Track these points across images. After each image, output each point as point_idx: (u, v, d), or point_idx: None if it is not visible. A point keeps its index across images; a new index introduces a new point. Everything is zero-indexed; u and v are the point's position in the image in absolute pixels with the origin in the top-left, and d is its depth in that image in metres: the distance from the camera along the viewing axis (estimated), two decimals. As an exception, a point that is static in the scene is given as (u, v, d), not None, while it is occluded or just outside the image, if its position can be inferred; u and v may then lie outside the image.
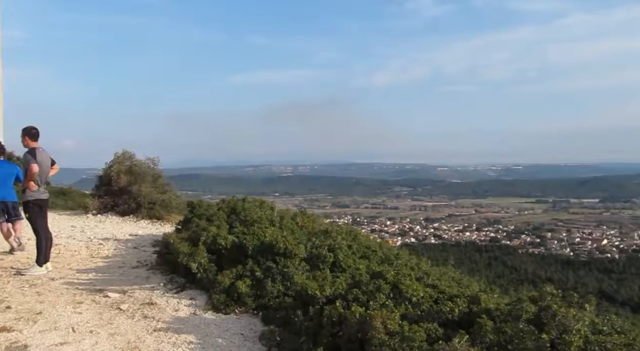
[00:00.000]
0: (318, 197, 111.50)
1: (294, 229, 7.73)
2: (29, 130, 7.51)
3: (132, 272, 7.80)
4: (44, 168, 7.49)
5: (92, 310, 5.76)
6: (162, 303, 6.11)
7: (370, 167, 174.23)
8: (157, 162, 15.64)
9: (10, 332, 4.90)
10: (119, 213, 14.51)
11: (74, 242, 10.27)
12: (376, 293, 4.87)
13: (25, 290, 6.48)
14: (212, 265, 6.55)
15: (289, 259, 6.22)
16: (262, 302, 5.88)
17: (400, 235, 69.71)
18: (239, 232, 7.14)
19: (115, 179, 14.75)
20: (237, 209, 8.80)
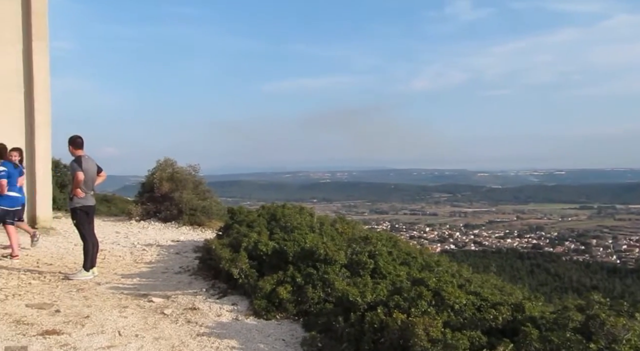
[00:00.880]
0: (356, 203, 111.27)
1: (333, 235, 7.74)
2: (74, 138, 7.72)
3: (175, 278, 7.94)
4: (90, 176, 7.68)
5: (137, 314, 5.88)
6: (204, 309, 6.20)
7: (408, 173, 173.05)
8: (198, 169, 15.91)
9: (59, 335, 5.04)
10: (161, 220, 14.77)
11: (119, 248, 10.50)
12: (418, 300, 4.83)
13: (73, 294, 6.66)
14: (253, 271, 6.62)
15: (329, 265, 6.23)
16: (302, 308, 5.91)
17: (439, 242, 68.95)
18: (280, 238, 7.19)
19: (158, 186, 15.03)
20: (277, 215, 8.86)
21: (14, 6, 11.98)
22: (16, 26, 12.02)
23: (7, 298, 6.29)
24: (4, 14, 11.93)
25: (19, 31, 12.04)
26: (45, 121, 12.30)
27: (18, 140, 10.79)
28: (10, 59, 11.99)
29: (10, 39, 11.98)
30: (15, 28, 12.02)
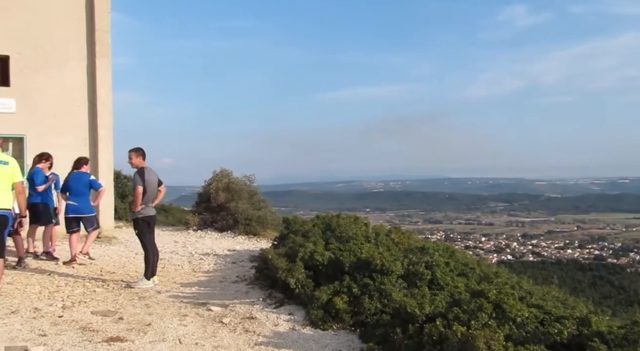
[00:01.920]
0: (409, 212, 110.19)
1: (389, 246, 7.69)
2: (136, 150, 7.96)
3: (232, 287, 8.05)
4: (151, 187, 7.89)
5: (197, 323, 5.99)
6: (262, 318, 6.25)
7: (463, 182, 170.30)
8: (253, 179, 16.15)
9: (123, 342, 5.18)
10: (217, 229, 15.04)
11: (177, 257, 10.74)
12: (478, 312, 4.73)
13: (135, 302, 6.84)
14: (309, 281, 6.64)
15: (385, 276, 6.19)
16: (359, 319, 5.88)
17: (495, 252, 67.31)
18: (335, 248, 7.19)
19: (214, 196, 15.33)
20: (332, 225, 8.88)
21: (79, 25, 12.56)
22: (81, 44, 12.60)
23: (73, 305, 6.52)
24: (70, 33, 12.52)
25: (83, 49, 12.62)
26: (108, 134, 12.77)
27: (83, 153, 11.23)
28: (76, 75, 12.56)
29: (75, 56, 12.56)
30: (80, 46, 12.60)
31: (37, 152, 9.96)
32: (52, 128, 12.25)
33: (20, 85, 12.10)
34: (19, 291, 7.10)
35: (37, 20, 12.23)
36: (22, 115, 12.02)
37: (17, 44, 12.07)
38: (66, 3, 12.57)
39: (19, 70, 12.08)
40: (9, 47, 12.00)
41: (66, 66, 12.54)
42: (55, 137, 12.03)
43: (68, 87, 12.55)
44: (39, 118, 12.17)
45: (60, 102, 12.47)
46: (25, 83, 12.14)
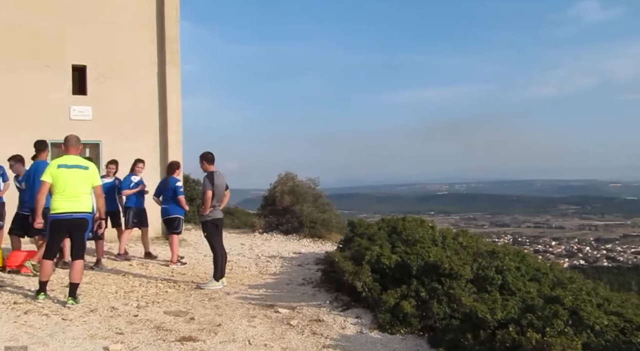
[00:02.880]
0: (475, 215, 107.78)
1: (457, 249, 7.55)
2: (206, 155, 8.18)
3: (298, 289, 8.12)
4: (219, 191, 8.09)
5: (265, 324, 6.07)
6: (329, 321, 6.27)
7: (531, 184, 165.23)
8: (317, 182, 16.24)
9: (195, 341, 5.32)
10: (283, 232, 15.20)
11: (244, 259, 10.93)
12: (553, 319, 4.57)
13: (205, 303, 7.00)
14: (376, 285, 6.60)
15: (454, 280, 6.08)
16: (427, 323, 5.80)
17: (567, 257, 64.80)
18: (402, 252, 7.13)
19: (279, 199, 15.52)
20: (397, 228, 8.80)
21: (150, 34, 13.06)
22: (152, 52, 13.09)
23: (147, 305, 6.74)
24: (142, 42, 13.03)
25: (154, 57, 13.10)
26: (177, 139, 13.18)
27: (153, 158, 11.65)
28: (147, 82, 13.06)
29: (147, 65, 13.05)
30: (151, 54, 13.08)
31: (112, 157, 10.42)
32: (125, 134, 12.77)
33: (96, 94, 12.69)
34: (96, 290, 7.42)
35: (111, 31, 12.80)
36: (98, 122, 12.59)
37: (93, 54, 12.67)
38: (138, 14, 13.09)
39: (95, 79, 12.68)
40: (86, 57, 12.61)
41: (138, 74, 13.06)
42: (128, 143, 12.54)
43: (140, 94, 13.06)
44: (113, 125, 12.71)
45: (132, 109, 12.99)
46: (101, 91, 12.72)
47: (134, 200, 10.12)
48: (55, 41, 12.38)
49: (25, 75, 12.14)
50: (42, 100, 12.22)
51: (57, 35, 12.39)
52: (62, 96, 12.42)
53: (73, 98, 12.58)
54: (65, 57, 12.47)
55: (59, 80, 12.43)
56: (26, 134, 11.52)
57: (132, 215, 10.14)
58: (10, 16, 12.07)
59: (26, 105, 12.11)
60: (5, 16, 12.04)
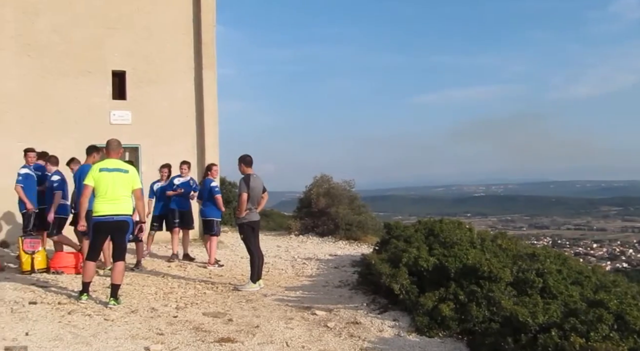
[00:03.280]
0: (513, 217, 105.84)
1: (496, 252, 7.43)
2: (244, 157, 8.25)
3: (335, 291, 8.11)
4: (256, 193, 8.14)
5: (302, 327, 6.08)
6: (366, 323, 6.25)
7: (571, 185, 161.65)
8: (353, 185, 16.19)
9: (234, 343, 5.37)
10: (318, 234, 15.20)
11: (281, 261, 10.97)
12: (597, 323, 4.47)
13: (242, 305, 7.06)
14: (413, 287, 6.56)
15: (493, 283, 6.00)
16: (466, 327, 5.73)
17: (609, 260, 63.03)
18: (439, 254, 7.06)
19: (315, 201, 15.52)
20: (434, 230, 8.71)
21: (187, 39, 13.28)
22: (189, 57, 13.31)
23: (186, 306, 6.83)
24: (179, 47, 13.26)
25: (191, 61, 13.31)
26: (214, 143, 13.35)
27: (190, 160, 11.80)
28: (185, 87, 13.28)
29: (184, 69, 13.28)
30: (188, 59, 13.31)
31: (150, 161, 10.63)
32: (164, 137, 13.00)
33: (135, 98, 12.95)
34: (137, 291, 7.55)
35: (149, 37, 13.05)
36: (137, 126, 12.85)
37: (132, 59, 12.93)
38: (175, 19, 13.31)
39: (134, 84, 12.94)
40: (125, 63, 12.89)
41: (176, 79, 13.27)
42: (166, 146, 12.77)
43: (177, 98, 13.28)
44: (151, 129, 12.95)
45: (170, 113, 13.21)
46: (140, 96, 12.97)
47: (178, 201, 10.29)
48: (96, 47, 12.69)
49: (68, 81, 12.47)
50: (83, 105, 12.53)
51: (97, 42, 12.69)
52: (102, 101, 12.72)
53: (113, 103, 12.86)
54: (106, 63, 12.77)
55: (99, 85, 12.73)
56: (69, 138, 11.89)
57: (175, 216, 10.31)
58: (53, 23, 12.42)
59: (69, 110, 12.44)
60: (50, 23, 12.40)
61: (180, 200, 10.30)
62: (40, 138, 11.38)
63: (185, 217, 10.39)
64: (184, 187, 10.29)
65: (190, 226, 10.56)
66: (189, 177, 10.52)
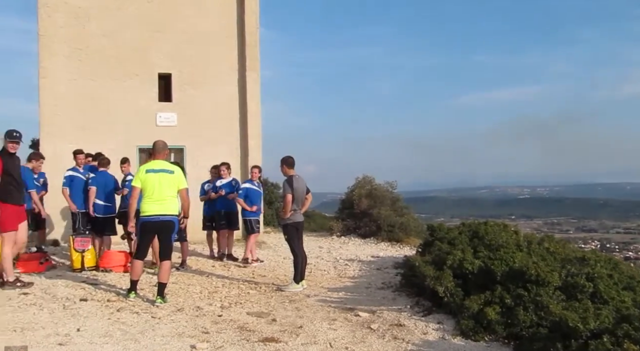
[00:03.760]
0: (559, 220, 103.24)
1: (543, 255, 7.26)
2: (286, 159, 8.30)
3: (378, 293, 8.08)
4: (299, 194, 8.18)
5: (346, 328, 6.07)
6: (410, 325, 6.20)
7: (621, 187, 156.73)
8: (395, 186, 16.10)
9: (278, 343, 5.40)
10: (360, 236, 15.17)
11: (323, 262, 11.00)
12: (652, 330, 4.31)
13: (286, 305, 7.10)
14: (458, 290, 6.48)
15: (541, 287, 5.86)
16: (513, 331, 5.63)
17: (661, 264, 61.00)
18: (485, 257, 6.94)
19: (357, 203, 15.51)
20: (479, 233, 8.57)
21: (231, 42, 13.47)
22: (232, 59, 13.49)
23: (230, 306, 6.91)
24: (223, 50, 13.46)
25: (234, 64, 13.49)
26: (257, 144, 13.48)
27: (234, 162, 11.96)
28: (228, 89, 13.47)
29: (228, 71, 13.48)
30: (232, 61, 13.49)
31: (195, 161, 10.83)
32: (208, 139, 13.21)
33: (181, 100, 13.20)
34: (182, 290, 7.68)
35: (194, 40, 13.28)
36: (182, 128, 13.09)
37: (177, 62, 13.19)
38: (219, 22, 13.51)
39: (179, 86, 13.19)
40: (171, 66, 13.16)
41: (220, 81, 13.47)
42: (211, 147, 12.97)
43: (221, 100, 13.47)
44: (196, 130, 13.17)
45: (214, 115, 13.41)
46: (185, 98, 13.22)
47: (223, 203, 10.43)
48: (143, 51, 12.99)
49: (116, 84, 12.81)
50: (131, 108, 12.85)
51: (144, 46, 13.00)
52: (149, 103, 13.01)
53: (159, 105, 13.15)
54: (152, 66, 13.06)
55: (146, 88, 13.03)
56: (117, 140, 12.22)
57: (221, 217, 10.47)
58: (103, 28, 12.78)
59: (117, 113, 12.77)
60: (99, 28, 12.76)
61: (225, 201, 10.43)
62: (90, 140, 11.73)
63: (231, 217, 10.53)
64: (226, 189, 10.42)
65: (235, 226, 10.69)
66: (230, 177, 10.64)
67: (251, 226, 10.23)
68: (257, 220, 10.41)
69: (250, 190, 10.25)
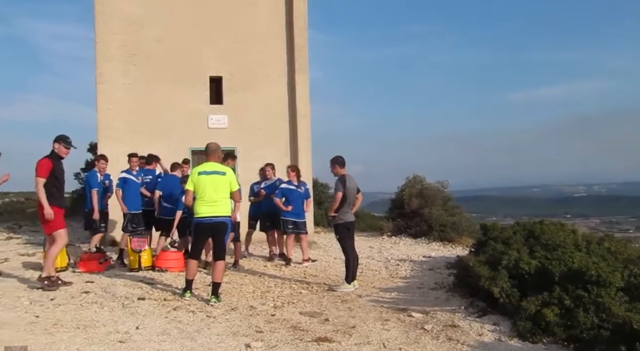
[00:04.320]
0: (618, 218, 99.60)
1: (604, 255, 7.01)
2: (337, 158, 8.31)
3: (431, 293, 7.98)
4: (351, 194, 8.17)
5: (399, 328, 6.03)
6: (465, 327, 6.10)
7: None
8: (447, 185, 15.89)
9: (331, 343, 5.41)
10: (411, 235, 15.03)
11: (374, 262, 10.95)
12: None
13: (338, 305, 7.10)
14: (514, 291, 6.33)
15: (602, 288, 5.67)
16: (572, 333, 5.47)
17: None
18: (541, 257, 6.75)
19: (407, 202, 15.38)
20: (535, 232, 8.35)
21: (280, 44, 13.61)
22: (282, 61, 13.62)
23: (283, 305, 6.97)
24: (272, 52, 13.60)
25: (284, 66, 13.61)
26: (306, 145, 13.55)
27: (284, 163, 12.04)
28: (278, 90, 13.60)
29: (277, 73, 13.60)
30: (281, 63, 13.62)
31: (245, 163, 10.96)
32: (258, 140, 13.36)
33: (231, 103, 13.40)
34: (235, 290, 7.79)
35: (244, 43, 13.46)
36: (233, 130, 13.28)
37: (228, 65, 13.40)
38: (269, 25, 13.65)
39: (230, 89, 13.40)
40: (222, 69, 13.38)
41: (269, 83, 13.61)
42: (261, 149, 13.11)
43: (271, 102, 13.60)
44: (246, 132, 13.34)
45: (264, 117, 13.56)
46: (235, 100, 13.40)
47: (267, 204, 10.51)
48: (195, 55, 13.25)
49: (169, 87, 13.10)
50: (183, 111, 13.12)
51: (196, 50, 13.25)
52: (201, 106, 13.26)
53: (210, 108, 13.38)
54: (204, 70, 13.31)
55: (198, 91, 13.28)
56: (170, 142, 12.51)
57: (266, 218, 10.57)
58: (156, 33, 13.10)
59: (170, 116, 13.06)
60: (153, 34, 13.08)
61: (269, 202, 10.51)
62: (144, 143, 12.05)
63: (275, 218, 10.50)
64: (271, 189, 10.47)
65: (279, 227, 10.68)
66: (275, 178, 10.69)
67: (284, 226, 10.26)
68: (291, 221, 10.25)
69: (286, 190, 10.28)
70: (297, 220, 10.27)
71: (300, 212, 10.36)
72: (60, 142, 7.28)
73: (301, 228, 10.39)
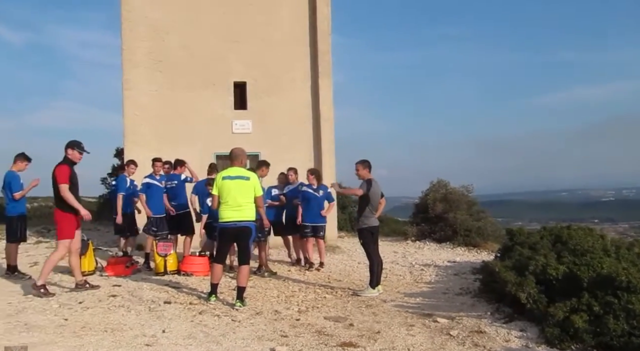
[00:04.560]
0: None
1: (634, 261, 6.88)
2: (364, 162, 8.29)
3: (456, 299, 7.91)
4: (375, 198, 8.15)
5: (424, 334, 5.98)
6: (491, 333, 6.03)
7: None
8: (472, 190, 15.76)
9: (356, 348, 5.39)
10: (435, 240, 14.94)
11: (398, 267, 10.90)
12: None
13: (362, 310, 7.08)
14: (542, 296, 6.23)
15: (633, 294, 5.54)
16: (602, 340, 5.36)
17: None
18: (569, 262, 6.65)
19: (432, 207, 15.29)
20: (562, 237, 8.23)
21: (303, 49, 13.68)
22: (305, 66, 13.69)
23: (307, 310, 6.97)
24: (296, 57, 13.67)
25: (307, 70, 13.68)
26: (330, 149, 13.57)
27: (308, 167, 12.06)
28: (302, 95, 13.65)
29: (301, 78, 13.67)
30: (305, 68, 13.68)
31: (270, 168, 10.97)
32: (282, 145, 13.41)
33: (256, 108, 13.50)
34: (260, 294, 7.82)
35: (268, 49, 13.57)
36: (257, 134, 13.37)
37: (252, 71, 13.51)
38: (292, 30, 13.73)
39: (254, 94, 13.51)
40: (246, 74, 13.50)
41: (293, 87, 13.68)
42: (285, 153, 13.13)
43: (295, 106, 13.66)
44: (271, 137, 13.41)
45: (288, 121, 13.62)
46: (260, 105, 13.50)
47: (287, 208, 10.52)
48: (219, 61, 13.39)
49: (194, 93, 13.27)
50: (208, 116, 13.27)
51: (220, 56, 13.40)
52: (225, 111, 13.39)
53: (235, 113, 13.50)
54: (228, 75, 13.44)
55: (222, 96, 13.42)
56: (196, 148, 12.63)
57: (286, 222, 10.59)
58: (181, 40, 13.28)
59: (194, 121, 13.22)
60: (178, 40, 13.27)
61: (289, 207, 10.48)
62: (170, 148, 12.17)
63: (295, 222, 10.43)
64: (293, 194, 10.46)
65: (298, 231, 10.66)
66: (297, 182, 10.67)
67: (302, 230, 10.24)
68: (307, 225, 10.18)
69: (306, 193, 10.24)
70: (314, 224, 10.22)
71: (317, 215, 10.28)
72: (74, 148, 7.35)
73: (318, 232, 10.30)
